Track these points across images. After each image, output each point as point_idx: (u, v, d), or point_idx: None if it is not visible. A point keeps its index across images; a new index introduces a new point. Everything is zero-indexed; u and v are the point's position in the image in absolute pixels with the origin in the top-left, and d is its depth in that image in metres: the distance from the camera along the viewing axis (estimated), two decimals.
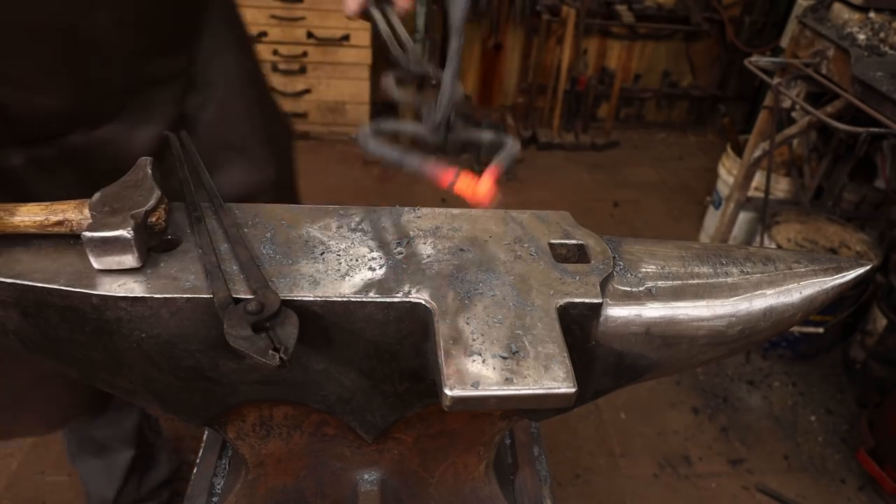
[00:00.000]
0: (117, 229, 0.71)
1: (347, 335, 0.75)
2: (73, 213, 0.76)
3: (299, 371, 0.79)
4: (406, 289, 0.75)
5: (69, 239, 0.77)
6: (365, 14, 1.03)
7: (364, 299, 0.73)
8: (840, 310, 2.68)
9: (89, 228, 0.71)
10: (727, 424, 2.58)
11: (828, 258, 0.91)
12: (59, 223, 0.76)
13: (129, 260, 0.72)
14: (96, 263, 0.72)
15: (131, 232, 0.71)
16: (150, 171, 0.79)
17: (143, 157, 0.82)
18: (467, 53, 4.34)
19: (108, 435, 1.76)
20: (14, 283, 0.72)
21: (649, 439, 2.49)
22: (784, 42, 3.53)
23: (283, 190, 1.44)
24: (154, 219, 0.77)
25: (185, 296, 0.71)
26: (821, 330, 2.72)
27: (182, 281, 0.73)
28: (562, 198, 3.92)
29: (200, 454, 1.15)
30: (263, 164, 1.36)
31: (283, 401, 0.87)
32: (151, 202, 0.75)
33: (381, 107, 4.26)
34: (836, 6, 2.44)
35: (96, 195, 0.77)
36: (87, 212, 0.75)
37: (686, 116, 4.93)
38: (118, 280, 0.72)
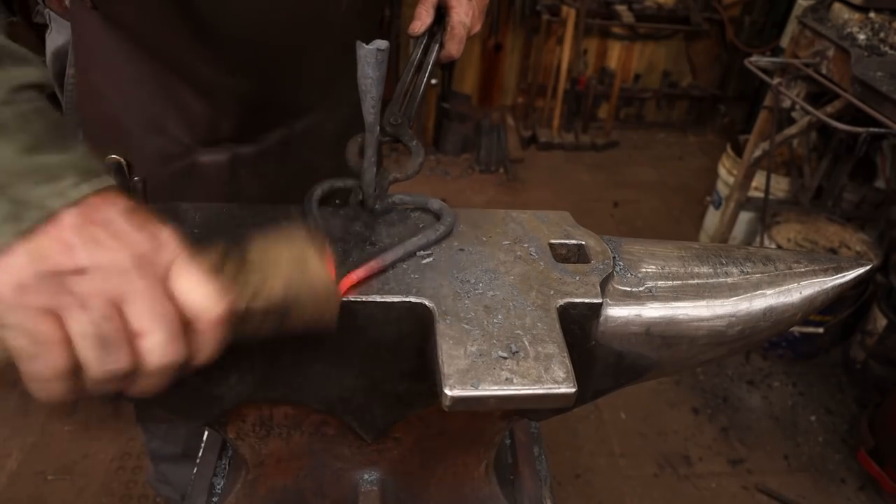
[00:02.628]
0: None
1: (347, 335, 0.75)
2: None
3: (299, 371, 0.79)
4: (406, 289, 0.75)
5: None
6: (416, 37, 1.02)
7: (364, 299, 0.73)
8: (840, 310, 2.68)
9: None
10: (727, 424, 2.58)
11: (828, 258, 0.91)
12: None
13: None
14: None
15: None
16: (141, 192, 0.78)
17: (136, 179, 0.79)
18: (467, 53, 4.34)
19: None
20: None
21: (649, 439, 2.49)
22: (784, 42, 3.54)
23: None
24: None
25: None
26: (821, 330, 2.71)
27: None
28: (562, 198, 3.92)
29: (200, 454, 1.15)
30: None
31: (283, 401, 0.87)
32: None
33: None
34: (836, 6, 2.44)
35: None
36: None
37: (686, 116, 4.93)
38: None
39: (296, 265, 0.62)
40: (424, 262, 0.79)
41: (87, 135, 1.04)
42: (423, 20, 1.01)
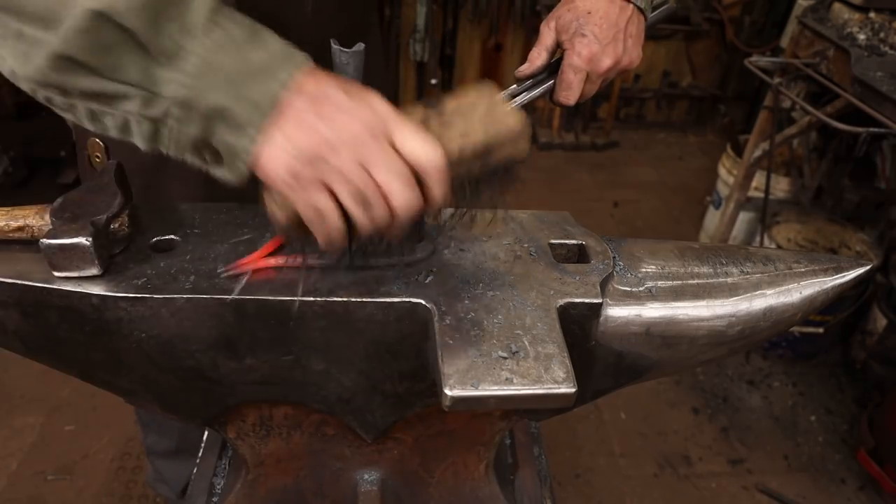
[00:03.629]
0: (76, 236, 0.69)
1: (347, 335, 0.75)
2: (33, 218, 0.75)
3: (299, 371, 0.79)
4: (406, 289, 0.75)
5: (30, 245, 0.75)
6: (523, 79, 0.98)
7: (364, 300, 0.73)
8: (840, 310, 2.68)
9: (48, 235, 0.69)
10: (727, 424, 2.58)
11: (828, 258, 0.91)
12: (20, 229, 0.75)
13: (89, 268, 0.71)
14: (55, 271, 0.71)
15: (90, 239, 0.69)
16: (114, 176, 0.78)
17: (111, 161, 0.81)
18: (467, 53, 4.34)
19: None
20: (14, 283, 0.72)
21: (649, 439, 2.49)
22: (784, 42, 3.54)
23: None
24: (116, 225, 0.76)
25: (185, 296, 0.71)
26: (821, 330, 2.71)
27: (182, 281, 0.73)
28: (562, 198, 3.92)
29: (200, 454, 1.15)
30: None
31: (283, 401, 0.87)
32: (113, 208, 0.74)
33: None
34: (836, 6, 2.44)
35: (58, 200, 0.75)
36: (47, 217, 0.74)
37: (686, 116, 4.92)
38: (115, 280, 0.72)
39: (487, 110, 0.69)
40: (428, 279, 0.78)
41: None
42: (532, 63, 0.95)
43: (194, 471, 1.13)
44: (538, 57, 0.96)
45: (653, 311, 0.82)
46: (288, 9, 0.98)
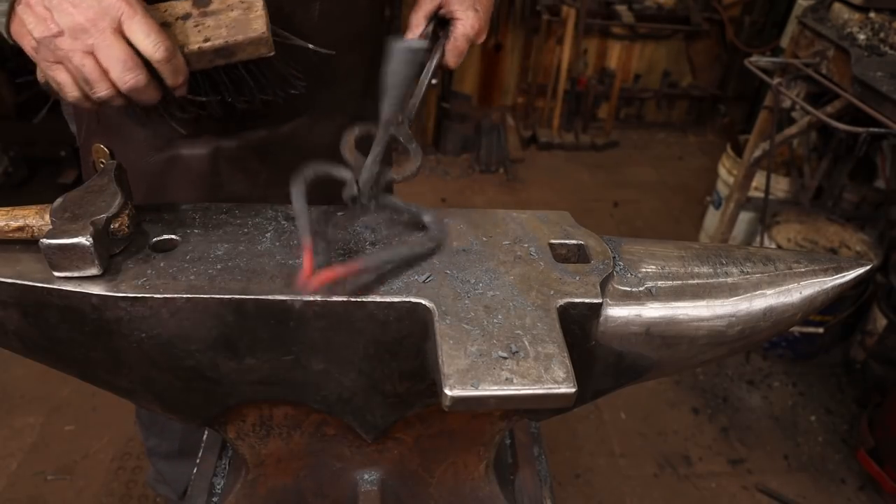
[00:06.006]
0: (76, 236, 0.69)
1: (347, 335, 0.75)
2: (33, 218, 0.75)
3: (299, 371, 0.79)
4: (406, 289, 0.75)
5: (29, 245, 0.76)
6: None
7: (364, 299, 0.73)
8: (840, 310, 2.68)
9: (48, 235, 0.70)
10: (727, 424, 2.58)
11: (828, 258, 0.91)
12: (20, 229, 0.75)
13: (89, 267, 0.71)
14: (55, 271, 0.71)
15: (90, 239, 0.69)
16: (114, 177, 0.78)
17: (111, 161, 0.82)
18: (468, 54, 4.34)
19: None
20: (14, 283, 0.72)
21: (649, 439, 2.49)
22: (784, 42, 3.53)
23: None
24: (116, 225, 0.76)
25: (184, 296, 0.71)
26: (821, 330, 2.71)
27: (181, 281, 0.73)
28: (562, 198, 3.92)
29: (200, 454, 1.15)
30: None
31: (283, 401, 0.87)
32: (113, 208, 0.74)
33: None
34: (836, 6, 2.44)
35: (58, 200, 0.75)
36: (47, 217, 0.74)
37: (686, 116, 4.93)
38: (115, 280, 0.72)
39: (240, 15, 0.82)
40: (427, 279, 0.78)
41: (79, 121, 1.11)
42: (416, 32, 1.02)
43: (194, 471, 1.13)
44: (422, 24, 1.04)
45: (653, 311, 0.82)
46: (295, 13, 0.99)
